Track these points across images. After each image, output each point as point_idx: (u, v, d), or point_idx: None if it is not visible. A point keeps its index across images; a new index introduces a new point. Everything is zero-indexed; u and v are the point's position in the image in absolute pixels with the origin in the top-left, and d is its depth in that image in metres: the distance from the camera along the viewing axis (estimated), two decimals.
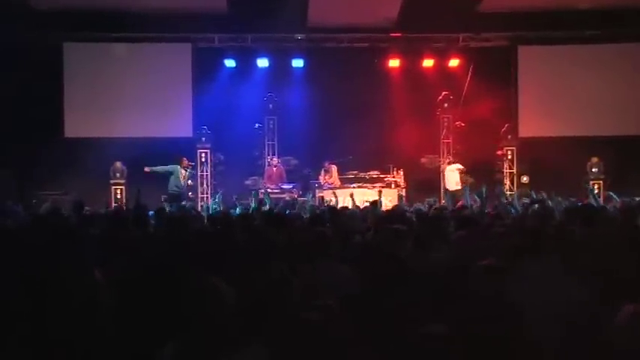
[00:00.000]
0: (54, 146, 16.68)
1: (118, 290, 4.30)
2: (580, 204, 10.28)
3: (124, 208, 12.82)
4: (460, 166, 17.17)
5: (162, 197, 15.45)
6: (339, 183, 16.94)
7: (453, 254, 5.45)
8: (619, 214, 8.17)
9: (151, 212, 9.28)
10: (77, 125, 17.45)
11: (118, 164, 17.34)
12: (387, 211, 10.32)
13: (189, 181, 16.84)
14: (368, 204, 11.93)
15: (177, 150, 17.11)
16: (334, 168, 17.16)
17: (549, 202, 10.55)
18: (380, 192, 12.72)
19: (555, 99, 17.93)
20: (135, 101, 17.41)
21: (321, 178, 17.20)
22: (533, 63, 18.09)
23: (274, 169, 17.55)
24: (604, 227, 6.59)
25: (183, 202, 14.33)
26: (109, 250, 5.46)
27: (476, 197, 11.08)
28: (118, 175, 17.37)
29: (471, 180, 17.74)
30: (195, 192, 18.14)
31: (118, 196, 17.09)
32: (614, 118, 17.72)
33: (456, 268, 4.56)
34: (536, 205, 9.76)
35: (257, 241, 5.84)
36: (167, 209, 10.81)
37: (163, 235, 6.96)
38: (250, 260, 4.95)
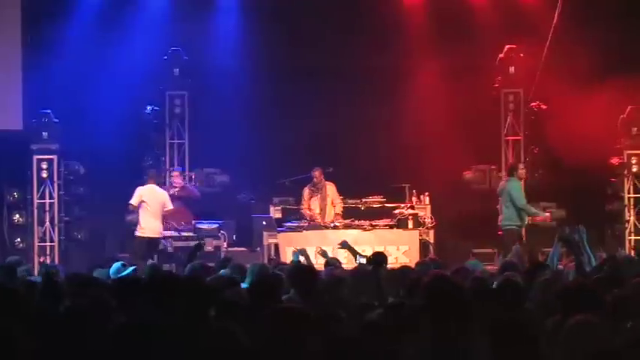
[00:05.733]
0: None
1: None
2: None
3: None
4: None
5: None
6: (339, 217, 17.33)
7: None
8: None
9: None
10: None
11: None
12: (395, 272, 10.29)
13: None
14: (364, 260, 12.03)
15: None
16: (331, 185, 17.31)
17: None
18: None
19: None
20: None
21: (305, 206, 17.39)
22: None
23: (174, 191, 17.34)
24: None
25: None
26: None
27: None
28: None
29: (560, 213, 17.95)
30: (29, 238, 17.98)
31: None
32: None
33: None
34: None
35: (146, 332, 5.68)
36: None
37: None
38: None
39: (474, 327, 6.08)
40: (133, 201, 16.28)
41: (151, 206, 16.24)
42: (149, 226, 16.30)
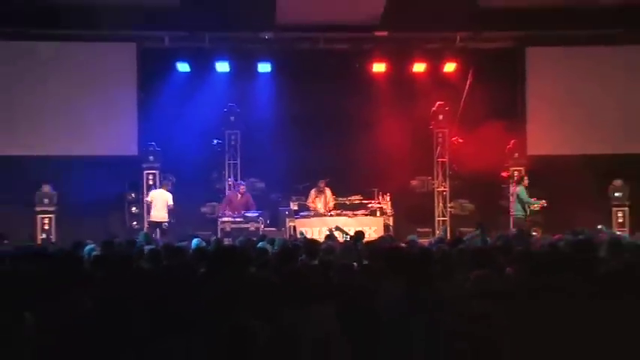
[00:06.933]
0: None
1: (49, 337, 4.45)
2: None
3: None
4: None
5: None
6: (330, 209, 17.31)
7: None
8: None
9: (89, 247, 9.35)
10: None
11: (47, 188, 17.06)
12: (372, 243, 10.49)
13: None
14: (348, 236, 12.41)
15: (118, 170, 17.28)
16: (329, 190, 17.49)
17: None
18: None
19: (571, 110, 17.96)
20: (67, 113, 17.18)
21: (311, 202, 17.48)
22: (545, 67, 18.09)
23: (239, 196, 17.43)
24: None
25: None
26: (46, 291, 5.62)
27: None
28: (46, 201, 17.01)
29: (470, 207, 18.54)
30: (141, 221, 17.94)
31: (46, 227, 16.92)
32: None
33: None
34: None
35: (217, 284, 5.91)
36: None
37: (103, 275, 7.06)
38: (209, 308, 5.05)
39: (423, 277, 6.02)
40: (147, 199, 16.98)
41: (157, 202, 16.65)
42: (155, 214, 16.70)
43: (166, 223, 16.80)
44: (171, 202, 16.84)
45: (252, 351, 4.22)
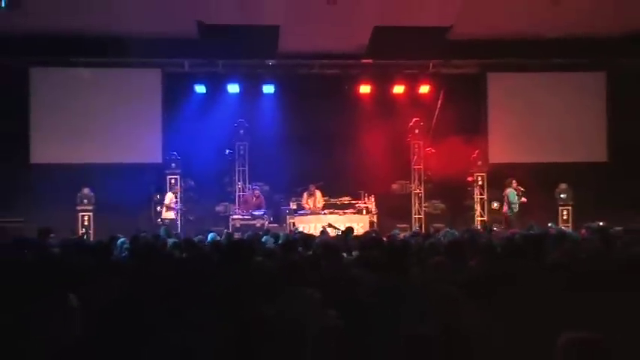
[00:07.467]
0: (19, 172, 16.67)
1: (93, 318, 4.30)
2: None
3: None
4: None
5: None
6: (320, 208, 17.21)
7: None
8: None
9: (121, 240, 9.33)
10: (44, 151, 17.16)
11: (86, 190, 17.07)
12: (360, 237, 10.50)
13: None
14: (339, 231, 12.55)
15: (146, 175, 17.28)
16: (319, 192, 17.37)
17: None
18: None
19: (525, 125, 18.16)
20: (103, 127, 17.25)
21: (304, 202, 17.36)
22: (503, 90, 18.29)
23: (254, 198, 17.43)
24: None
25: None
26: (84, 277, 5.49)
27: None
28: (85, 201, 17.06)
29: (442, 206, 18.53)
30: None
31: (85, 223, 16.93)
32: (581, 145, 18.12)
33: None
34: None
35: (227, 272, 5.87)
36: None
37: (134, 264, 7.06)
38: (223, 294, 4.94)
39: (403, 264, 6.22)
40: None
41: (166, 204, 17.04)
42: (164, 213, 16.97)
43: (167, 220, 16.85)
44: (167, 202, 17.10)
45: (259, 333, 4.03)
